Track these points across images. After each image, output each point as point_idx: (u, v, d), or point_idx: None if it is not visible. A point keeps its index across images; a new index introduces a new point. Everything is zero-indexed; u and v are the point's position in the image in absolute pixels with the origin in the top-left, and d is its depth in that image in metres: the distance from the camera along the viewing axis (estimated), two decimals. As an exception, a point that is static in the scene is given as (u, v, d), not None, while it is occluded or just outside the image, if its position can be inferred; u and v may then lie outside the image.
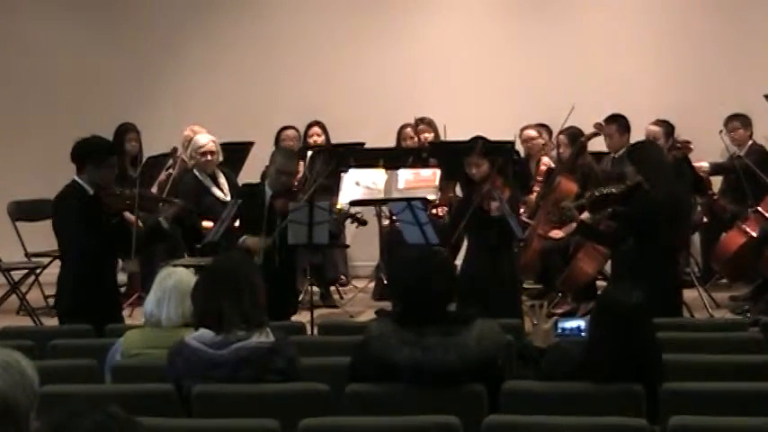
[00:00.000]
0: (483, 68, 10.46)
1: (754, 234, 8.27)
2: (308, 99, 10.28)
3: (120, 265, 6.69)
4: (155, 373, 4.29)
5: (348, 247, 9.55)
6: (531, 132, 9.23)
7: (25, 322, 8.25)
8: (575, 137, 8.66)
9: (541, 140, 9.23)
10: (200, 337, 4.14)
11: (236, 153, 9.01)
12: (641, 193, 6.72)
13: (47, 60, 10.86)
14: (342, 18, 10.69)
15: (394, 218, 8.43)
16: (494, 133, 7.82)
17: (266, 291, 4.28)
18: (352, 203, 8.28)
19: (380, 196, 8.53)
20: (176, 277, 4.65)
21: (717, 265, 8.82)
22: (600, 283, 8.29)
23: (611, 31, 10.32)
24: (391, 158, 8.91)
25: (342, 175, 8.59)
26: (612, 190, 6.98)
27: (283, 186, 7.46)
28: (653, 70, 10.19)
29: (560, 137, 8.82)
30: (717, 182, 9.35)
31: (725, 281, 9.17)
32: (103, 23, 10.92)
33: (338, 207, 8.15)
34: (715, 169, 9.14)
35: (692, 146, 8.51)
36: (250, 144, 9.29)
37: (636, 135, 8.67)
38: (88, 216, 6.32)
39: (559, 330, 4.64)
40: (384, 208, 8.95)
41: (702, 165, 8.93)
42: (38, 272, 8.92)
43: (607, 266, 8.17)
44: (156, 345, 4.48)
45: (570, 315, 7.34)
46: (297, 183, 8.35)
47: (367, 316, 8.28)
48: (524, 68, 10.38)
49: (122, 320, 6.62)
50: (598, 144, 8.91)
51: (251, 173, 8.97)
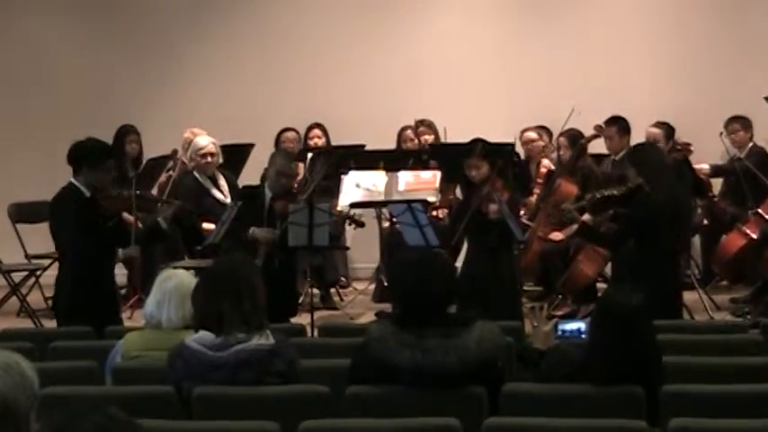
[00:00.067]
0: (483, 70, 10.46)
1: (754, 236, 8.27)
2: (309, 101, 10.28)
3: (120, 253, 6.65)
4: (155, 374, 4.29)
5: (348, 248, 9.54)
6: (532, 134, 9.23)
7: (25, 324, 8.24)
8: (575, 139, 8.66)
9: (542, 142, 9.23)
10: (200, 339, 4.14)
11: (236, 155, 9.02)
12: (642, 196, 6.72)
13: (48, 61, 10.85)
14: (342, 20, 10.69)
15: (394, 220, 8.43)
16: (494, 135, 7.84)
17: (266, 293, 4.28)
18: (353, 205, 8.28)
19: (381, 198, 8.53)
20: (176, 279, 4.65)
21: (717, 267, 8.83)
22: (600, 286, 8.29)
23: (611, 34, 10.31)
24: (391, 160, 8.92)
25: (342, 176, 8.60)
26: (614, 192, 6.98)
27: (283, 188, 7.46)
28: (653, 72, 10.19)
29: (560, 139, 8.82)
30: (717, 184, 9.35)
31: (725, 283, 9.16)
32: (104, 25, 10.91)
33: (338, 209, 8.15)
34: (715, 171, 9.14)
35: (692, 148, 8.52)
36: (250, 146, 9.29)
37: (636, 137, 8.67)
38: (85, 218, 6.32)
39: (559, 332, 4.64)
40: (384, 210, 8.94)
41: (703, 167, 8.93)
42: (38, 274, 8.91)
43: (607, 268, 8.16)
44: (157, 347, 4.48)
45: (570, 317, 7.33)
46: (297, 185, 8.36)
47: (367, 318, 8.26)
48: (524, 71, 10.37)
49: (121, 322, 6.62)
50: (598, 146, 8.91)
51: (251, 175, 8.97)
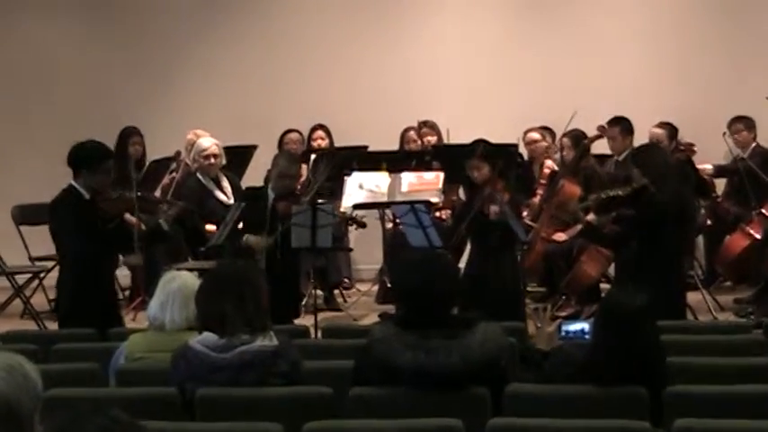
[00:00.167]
0: (487, 72, 10.46)
1: (757, 236, 8.26)
2: (312, 102, 10.28)
3: (122, 259, 6.65)
4: (158, 376, 4.28)
5: (351, 250, 9.54)
6: (535, 135, 9.23)
7: (29, 326, 8.23)
8: (578, 139, 8.66)
9: (545, 143, 9.22)
10: (203, 340, 4.14)
11: (239, 156, 9.02)
12: (647, 196, 6.71)
13: (49, 62, 10.85)
14: (346, 23, 10.69)
15: (397, 221, 8.43)
16: (497, 136, 7.84)
17: (269, 294, 4.28)
18: (356, 206, 8.28)
19: (384, 199, 8.54)
20: (180, 281, 4.65)
21: (720, 268, 8.82)
22: (604, 286, 8.28)
23: (614, 34, 10.31)
24: (394, 161, 8.92)
25: (345, 178, 8.60)
26: (618, 192, 6.97)
27: (285, 189, 7.46)
28: (656, 72, 10.19)
29: (563, 139, 8.82)
30: (720, 184, 9.35)
31: (728, 283, 9.15)
32: (106, 26, 10.92)
33: (341, 210, 8.15)
34: (718, 171, 9.14)
35: (695, 148, 8.51)
36: (253, 147, 9.29)
37: (639, 138, 8.66)
38: (85, 220, 6.30)
39: (563, 333, 4.64)
40: (387, 211, 8.95)
41: (706, 167, 8.92)
42: (41, 276, 8.92)
43: (611, 269, 8.16)
44: (160, 348, 4.48)
45: (574, 318, 7.33)
46: (300, 186, 8.36)
47: (370, 319, 8.26)
48: (527, 71, 10.37)
49: (122, 324, 6.60)
50: (601, 147, 8.91)
51: (254, 176, 8.97)
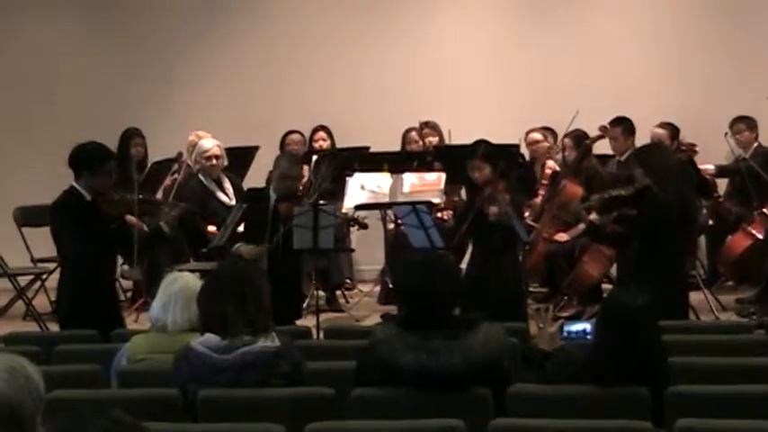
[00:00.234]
0: (488, 72, 10.46)
1: (759, 236, 8.27)
2: (313, 103, 10.28)
3: (120, 271, 6.65)
4: (160, 377, 4.28)
5: (353, 251, 9.55)
6: (536, 135, 9.23)
7: (31, 328, 8.24)
8: (580, 140, 8.66)
9: (546, 143, 9.22)
10: (205, 341, 4.14)
11: (240, 157, 9.02)
12: (651, 196, 6.71)
13: (50, 64, 10.86)
14: (348, 23, 10.69)
15: (399, 221, 8.43)
16: (499, 137, 7.84)
17: (271, 295, 4.28)
18: (358, 207, 8.28)
19: (385, 200, 8.55)
20: (182, 282, 4.65)
21: (722, 268, 8.82)
22: (605, 287, 8.28)
23: (615, 34, 10.31)
24: (396, 162, 8.92)
25: (347, 179, 8.61)
26: (622, 192, 6.97)
27: (287, 191, 7.46)
28: (656, 72, 10.19)
29: (565, 140, 8.82)
30: (722, 184, 9.34)
31: (730, 283, 9.16)
32: (107, 26, 10.93)
33: (343, 211, 8.15)
34: (720, 172, 9.14)
35: (697, 148, 8.51)
36: (255, 148, 9.29)
37: (641, 138, 8.66)
38: (86, 222, 6.28)
39: (565, 333, 4.64)
40: (389, 212, 8.95)
41: (708, 167, 8.92)
42: (44, 277, 8.92)
43: (613, 269, 8.16)
44: (162, 350, 4.48)
45: (576, 318, 7.32)
46: (302, 187, 8.36)
47: (373, 320, 8.26)
48: (529, 72, 10.37)
49: (123, 325, 6.59)
50: (603, 147, 8.91)
51: (256, 177, 8.97)
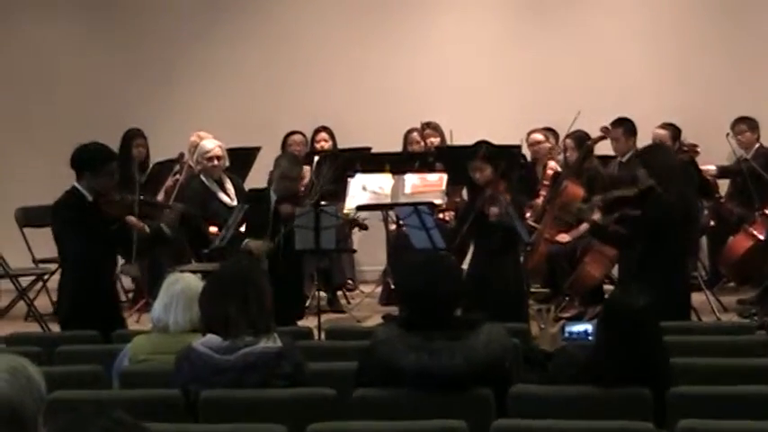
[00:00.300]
0: (488, 73, 10.46)
1: (761, 237, 8.26)
2: (315, 104, 10.28)
3: (120, 267, 6.65)
4: (162, 378, 4.28)
5: (355, 251, 9.55)
6: (538, 136, 9.22)
7: (33, 328, 8.24)
8: (581, 141, 8.66)
9: (548, 144, 9.22)
10: (207, 342, 4.14)
11: (242, 158, 9.03)
12: (654, 196, 6.71)
13: (50, 64, 10.86)
14: (349, 24, 10.69)
15: (401, 222, 8.43)
16: (500, 137, 7.83)
17: (273, 295, 4.28)
18: (359, 208, 8.28)
19: (387, 201, 8.55)
20: (184, 283, 4.65)
21: (724, 269, 8.82)
22: (607, 287, 8.28)
23: (615, 34, 10.31)
24: (398, 163, 8.93)
25: (349, 179, 8.61)
26: (625, 193, 6.97)
27: (288, 191, 7.47)
28: (656, 73, 10.19)
29: (567, 141, 8.82)
30: (723, 185, 9.34)
31: (732, 284, 9.16)
32: (107, 26, 10.93)
33: (345, 212, 8.15)
34: (722, 172, 9.14)
35: (698, 149, 8.51)
36: (257, 149, 9.30)
37: (642, 139, 8.66)
38: (87, 223, 6.29)
39: (567, 334, 4.65)
40: (391, 212, 8.95)
41: (709, 168, 8.92)
42: (45, 278, 8.92)
43: (614, 270, 8.16)
44: (164, 350, 4.48)
45: (577, 319, 7.32)
46: (303, 188, 8.36)
47: (374, 321, 8.25)
48: (530, 72, 10.37)
49: (124, 325, 6.59)
50: (605, 148, 8.91)
51: (257, 178, 8.98)
